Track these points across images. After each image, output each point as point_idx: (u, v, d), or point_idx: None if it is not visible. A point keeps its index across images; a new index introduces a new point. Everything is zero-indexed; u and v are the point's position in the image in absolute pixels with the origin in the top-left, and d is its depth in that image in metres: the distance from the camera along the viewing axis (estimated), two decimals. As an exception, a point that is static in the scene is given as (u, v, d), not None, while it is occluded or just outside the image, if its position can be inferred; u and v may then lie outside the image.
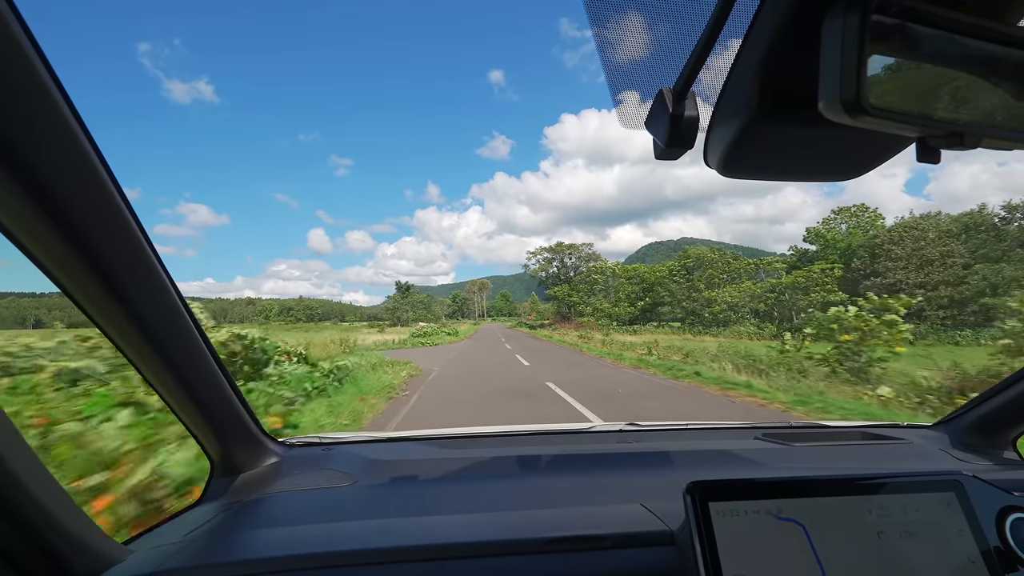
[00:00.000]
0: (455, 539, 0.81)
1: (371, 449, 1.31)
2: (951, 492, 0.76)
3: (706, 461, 1.23)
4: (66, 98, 0.56)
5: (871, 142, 0.48)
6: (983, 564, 0.71)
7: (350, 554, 0.77)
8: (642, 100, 0.52)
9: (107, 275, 0.68)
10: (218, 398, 0.97)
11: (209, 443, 1.05)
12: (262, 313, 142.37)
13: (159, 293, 0.76)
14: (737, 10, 0.42)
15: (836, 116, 0.36)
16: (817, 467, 1.23)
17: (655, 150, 0.52)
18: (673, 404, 8.11)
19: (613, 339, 28.10)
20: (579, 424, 1.58)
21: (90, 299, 0.70)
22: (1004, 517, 0.76)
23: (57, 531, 0.66)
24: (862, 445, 1.38)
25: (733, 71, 0.44)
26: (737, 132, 0.45)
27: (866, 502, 0.72)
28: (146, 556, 0.78)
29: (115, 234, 0.67)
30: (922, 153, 0.39)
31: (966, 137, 0.37)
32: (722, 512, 0.69)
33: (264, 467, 1.16)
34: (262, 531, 0.87)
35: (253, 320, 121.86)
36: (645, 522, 0.85)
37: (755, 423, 1.59)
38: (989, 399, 1.26)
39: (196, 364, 0.88)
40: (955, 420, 1.37)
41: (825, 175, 0.55)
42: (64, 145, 0.57)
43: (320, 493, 1.05)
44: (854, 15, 0.34)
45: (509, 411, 7.39)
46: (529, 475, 1.18)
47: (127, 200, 0.66)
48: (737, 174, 0.51)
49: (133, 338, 0.78)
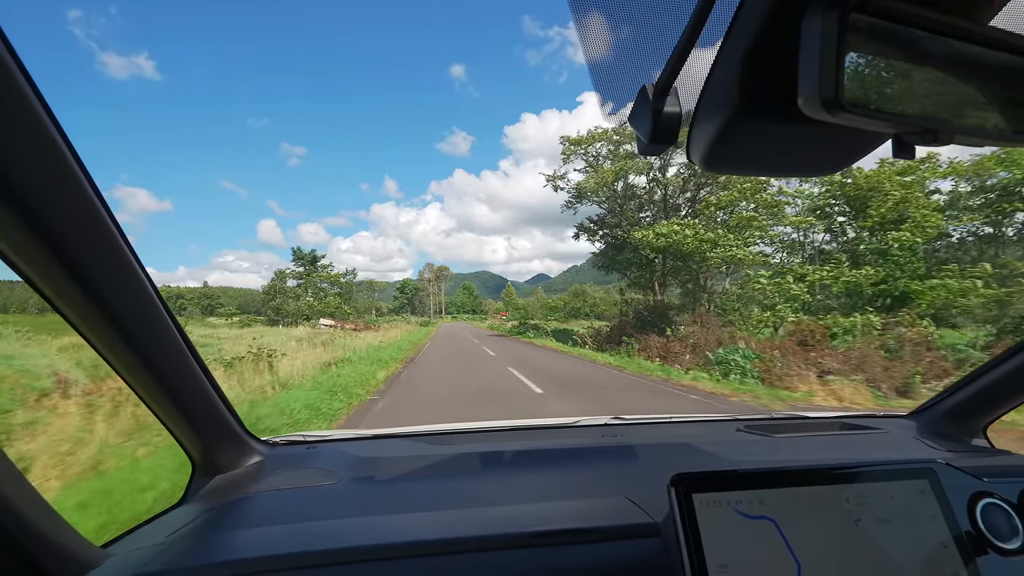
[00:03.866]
0: (441, 535, 0.81)
1: (356, 447, 1.30)
2: (925, 480, 0.78)
3: (689, 453, 1.25)
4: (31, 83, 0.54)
5: (849, 138, 0.49)
6: (955, 548, 0.73)
7: (335, 553, 0.76)
8: (625, 96, 0.52)
9: (79, 269, 0.66)
10: (198, 396, 0.95)
11: (190, 443, 1.03)
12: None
13: (134, 288, 0.74)
14: (718, 7, 0.42)
15: (815, 113, 0.36)
16: (797, 457, 1.26)
17: (638, 146, 0.52)
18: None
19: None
20: (564, 419, 1.59)
21: (61, 294, 0.68)
22: (975, 502, 0.79)
23: (31, 534, 0.64)
24: (840, 435, 1.42)
25: (715, 68, 0.44)
26: (719, 128, 0.46)
27: (844, 491, 0.74)
28: (125, 559, 0.77)
29: (87, 226, 0.65)
30: (898, 149, 0.40)
31: (940, 134, 0.38)
32: (706, 503, 0.70)
33: (247, 466, 1.15)
34: (245, 531, 0.86)
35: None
36: (630, 514, 0.86)
37: (737, 415, 1.62)
38: (960, 389, 1.29)
39: (175, 362, 0.87)
40: (929, 410, 1.41)
41: (805, 171, 0.56)
42: (31, 134, 0.55)
43: (304, 492, 1.04)
44: (832, 14, 0.34)
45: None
46: (514, 470, 1.18)
47: (99, 192, 0.64)
48: (719, 169, 0.52)
49: (108, 335, 0.76)
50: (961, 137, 0.39)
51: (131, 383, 0.86)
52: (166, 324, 0.82)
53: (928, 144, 0.39)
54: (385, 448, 1.31)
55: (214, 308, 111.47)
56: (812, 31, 0.35)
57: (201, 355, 0.92)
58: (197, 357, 0.91)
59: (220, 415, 1.03)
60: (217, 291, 52.45)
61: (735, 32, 0.42)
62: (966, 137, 0.39)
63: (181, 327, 0.85)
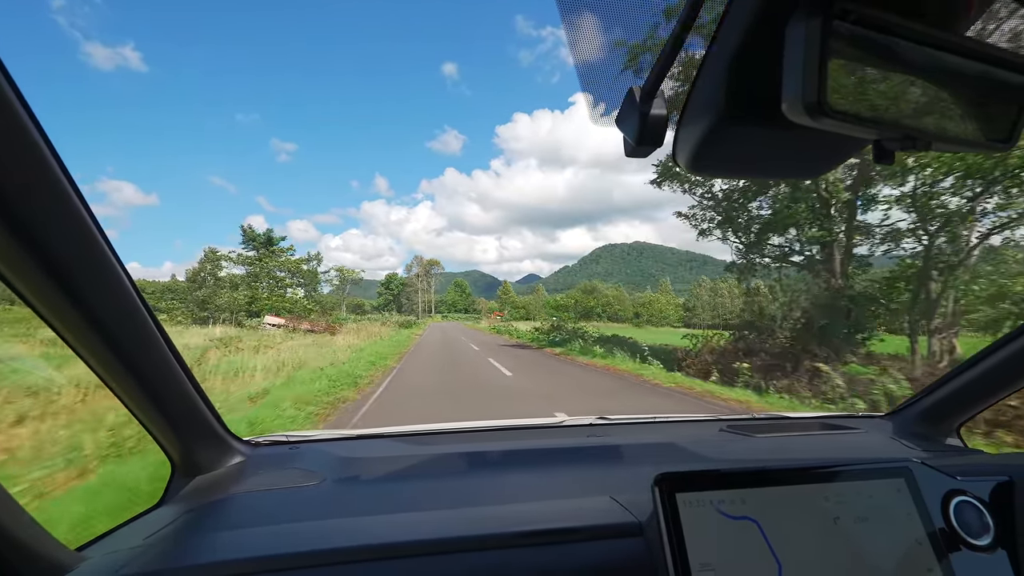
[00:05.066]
0: (425, 536, 0.80)
1: (339, 447, 1.29)
2: (901, 478, 0.80)
3: (673, 453, 1.26)
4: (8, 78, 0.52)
5: (831, 143, 0.50)
6: (930, 545, 0.75)
7: (317, 554, 0.76)
8: (613, 98, 0.53)
9: (56, 266, 0.64)
10: (178, 396, 0.93)
11: (169, 443, 1.01)
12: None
13: (112, 285, 0.72)
14: (705, 13, 0.43)
15: (798, 117, 0.37)
16: (778, 457, 1.28)
17: (625, 148, 0.53)
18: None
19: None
20: (549, 419, 1.59)
21: (35, 289, 0.66)
22: (948, 500, 0.81)
23: (3, 538, 0.62)
24: (820, 435, 1.45)
25: (701, 72, 0.45)
26: (705, 131, 0.46)
27: (824, 489, 0.76)
28: (101, 562, 0.75)
29: (65, 224, 0.63)
30: (878, 154, 0.41)
31: (918, 140, 0.39)
32: (689, 503, 0.71)
33: (228, 467, 1.13)
34: (225, 533, 0.85)
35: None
36: (614, 514, 0.86)
37: (720, 415, 1.64)
38: (935, 390, 1.33)
39: (154, 360, 0.85)
40: (905, 410, 1.45)
41: (788, 174, 0.57)
42: (7, 130, 0.54)
43: (287, 493, 1.02)
44: (815, 21, 0.35)
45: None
46: (499, 470, 1.18)
47: (76, 187, 0.63)
48: (705, 172, 0.53)
49: (84, 333, 0.74)
50: (938, 143, 0.40)
51: (108, 381, 0.84)
52: (145, 322, 0.80)
53: (907, 149, 0.40)
54: (369, 448, 1.30)
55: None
56: (796, 38, 0.36)
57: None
58: (177, 355, 0.89)
59: (200, 414, 1.01)
60: (184, 285, 44.05)
61: (721, 37, 0.43)
62: (943, 143, 0.40)
63: (161, 325, 0.84)
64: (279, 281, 45.46)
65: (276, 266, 45.36)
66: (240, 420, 6.09)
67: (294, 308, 41.46)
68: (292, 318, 33.37)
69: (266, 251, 45.33)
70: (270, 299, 42.09)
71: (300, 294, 46.46)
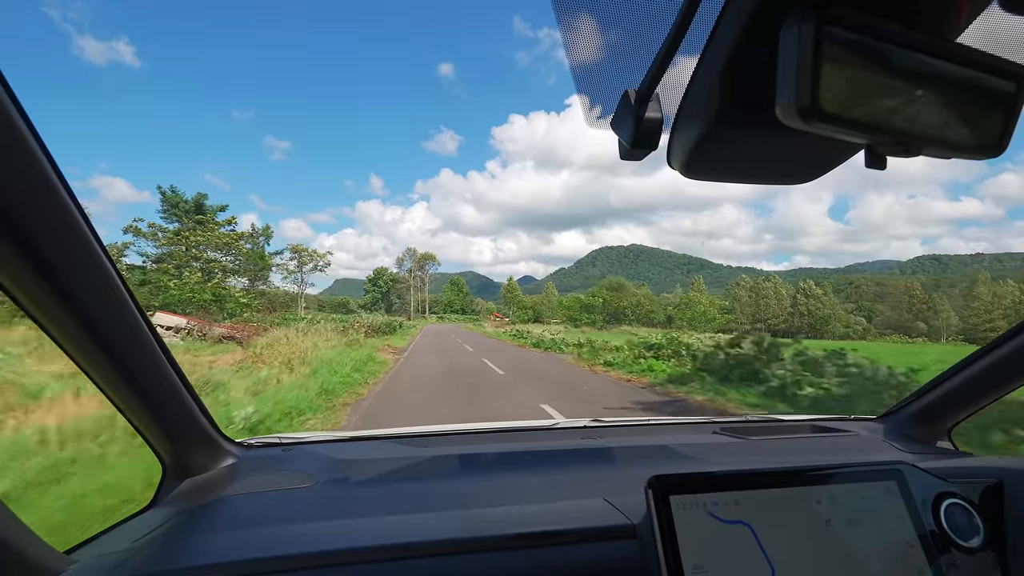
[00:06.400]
0: (417, 538, 0.80)
1: (332, 449, 1.28)
2: (892, 481, 0.80)
3: (667, 455, 1.26)
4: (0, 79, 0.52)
5: (824, 148, 0.50)
6: (920, 547, 0.76)
7: (309, 556, 0.75)
8: (608, 101, 0.53)
9: (46, 265, 0.63)
10: (169, 396, 0.92)
11: (160, 444, 1.00)
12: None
13: (102, 283, 0.72)
14: (700, 16, 0.43)
15: (792, 121, 0.37)
16: (771, 459, 1.28)
17: (620, 150, 0.53)
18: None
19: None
20: (543, 421, 1.60)
21: (22, 287, 0.65)
22: (939, 503, 0.82)
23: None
24: (812, 437, 1.45)
25: (696, 75, 0.45)
26: (699, 135, 0.47)
27: (815, 492, 0.76)
28: (89, 566, 0.74)
29: (56, 224, 0.62)
30: (870, 159, 0.41)
31: (910, 145, 0.39)
32: (682, 505, 0.71)
33: (220, 469, 1.12)
34: (217, 535, 0.84)
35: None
36: (608, 516, 0.86)
37: (713, 418, 1.65)
38: (926, 393, 1.34)
39: (144, 360, 0.84)
40: (897, 412, 1.46)
41: (781, 178, 0.58)
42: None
43: (279, 495, 1.02)
44: (809, 26, 0.35)
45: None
46: (492, 472, 1.18)
47: (68, 185, 0.62)
48: (699, 176, 0.53)
49: (73, 332, 0.73)
50: (929, 149, 0.40)
51: (97, 381, 0.83)
52: (136, 322, 0.79)
53: (898, 155, 0.40)
54: (363, 450, 1.29)
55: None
56: (789, 42, 0.36)
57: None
58: (168, 355, 0.88)
59: (192, 415, 1.00)
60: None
61: (716, 41, 0.43)
62: (934, 149, 0.40)
63: (152, 325, 0.83)
64: (209, 264, 32.34)
65: (204, 243, 31.82)
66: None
67: (225, 304, 29.62)
68: (199, 319, 21.86)
69: (193, 223, 32.34)
70: (180, 290, 29.34)
71: (239, 286, 32.74)
